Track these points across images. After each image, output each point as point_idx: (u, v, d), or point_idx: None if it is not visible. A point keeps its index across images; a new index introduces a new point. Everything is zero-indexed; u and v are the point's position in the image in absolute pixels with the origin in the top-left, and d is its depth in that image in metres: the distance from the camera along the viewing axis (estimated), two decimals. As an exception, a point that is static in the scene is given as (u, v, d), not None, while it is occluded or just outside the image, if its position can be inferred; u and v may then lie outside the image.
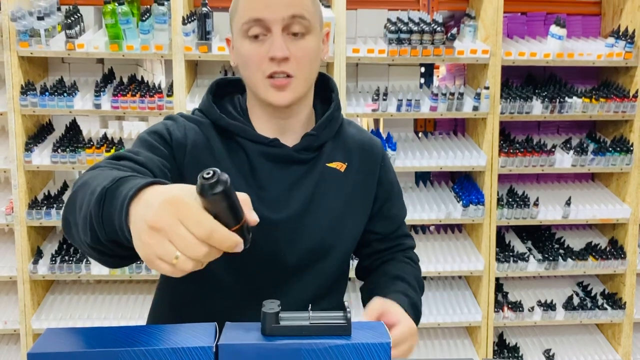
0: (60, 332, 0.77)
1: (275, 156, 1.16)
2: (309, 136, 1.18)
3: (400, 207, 1.34)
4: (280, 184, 1.16)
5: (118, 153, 1.03)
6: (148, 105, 2.76)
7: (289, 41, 1.09)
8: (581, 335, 3.27)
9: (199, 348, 0.75)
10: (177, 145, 1.13)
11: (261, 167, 1.16)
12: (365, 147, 1.27)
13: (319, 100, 1.27)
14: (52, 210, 2.80)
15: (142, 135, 1.13)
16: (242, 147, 1.16)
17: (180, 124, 1.16)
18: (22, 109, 2.73)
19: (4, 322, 2.89)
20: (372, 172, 1.26)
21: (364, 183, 1.25)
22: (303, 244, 1.17)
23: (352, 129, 1.29)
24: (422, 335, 3.20)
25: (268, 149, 1.16)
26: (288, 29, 1.09)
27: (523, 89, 3.00)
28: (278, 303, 0.82)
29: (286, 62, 1.09)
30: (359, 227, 1.26)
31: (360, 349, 0.77)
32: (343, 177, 1.22)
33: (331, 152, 1.22)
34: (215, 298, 1.18)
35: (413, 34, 2.77)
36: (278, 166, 1.17)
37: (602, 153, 2.99)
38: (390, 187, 1.30)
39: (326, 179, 1.20)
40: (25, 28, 2.63)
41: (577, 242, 3.21)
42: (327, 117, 1.21)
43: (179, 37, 2.69)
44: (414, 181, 3.30)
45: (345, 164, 1.23)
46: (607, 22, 3.19)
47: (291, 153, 1.17)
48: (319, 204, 1.18)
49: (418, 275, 1.31)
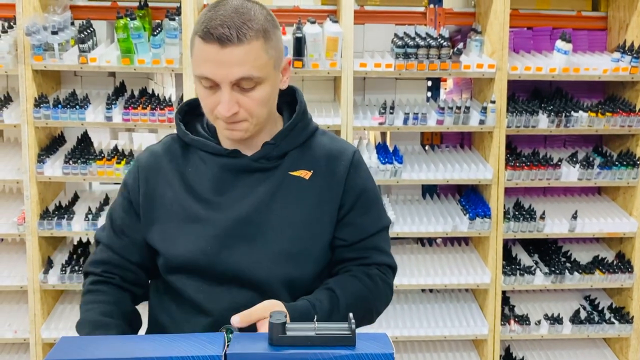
0: (74, 341, 0.80)
1: (234, 166, 1.22)
2: (267, 145, 1.23)
3: (372, 217, 1.28)
4: (236, 191, 1.21)
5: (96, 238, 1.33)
6: (158, 117, 2.80)
7: (238, 95, 1.13)
8: (588, 349, 3.26)
9: (207, 357, 0.77)
10: (132, 189, 1.28)
11: (221, 178, 1.22)
12: (333, 153, 1.27)
13: (289, 109, 1.31)
14: (63, 220, 2.84)
15: (117, 195, 1.33)
16: (203, 160, 1.24)
17: (133, 165, 1.31)
18: (35, 121, 2.78)
19: (14, 331, 2.92)
20: (338, 178, 1.25)
21: (329, 189, 1.24)
22: (264, 250, 1.19)
23: (324, 138, 1.30)
24: (429, 347, 3.20)
25: (227, 160, 1.22)
26: (238, 84, 1.12)
27: (529, 103, 3.02)
28: (285, 314, 0.84)
29: (236, 115, 1.14)
30: (327, 233, 1.24)
31: (365, 359, 0.79)
32: (308, 185, 1.23)
33: (295, 161, 1.24)
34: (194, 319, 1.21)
35: (420, 49, 2.80)
36: (238, 176, 1.22)
37: (608, 167, 3.00)
38: (358, 194, 1.26)
39: (287, 187, 1.22)
40: (40, 42, 2.69)
41: (584, 256, 3.21)
42: (287, 127, 1.25)
43: (189, 51, 2.73)
44: (421, 194, 3.32)
45: (311, 172, 1.24)
46: (612, 37, 3.21)
47: (248, 162, 1.22)
48: (276, 210, 1.20)
49: (358, 291, 1.22)
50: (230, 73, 1.09)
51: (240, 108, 1.13)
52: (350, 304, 1.20)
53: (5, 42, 2.71)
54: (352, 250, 1.27)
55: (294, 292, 1.21)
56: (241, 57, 1.09)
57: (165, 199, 1.24)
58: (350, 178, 1.26)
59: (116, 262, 1.28)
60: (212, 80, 1.11)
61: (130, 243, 1.27)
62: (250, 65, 1.10)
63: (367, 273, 1.26)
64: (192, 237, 1.20)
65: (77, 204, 3.06)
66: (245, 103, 1.13)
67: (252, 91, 1.13)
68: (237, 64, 1.09)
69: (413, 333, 2.98)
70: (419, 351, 3.17)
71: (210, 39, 1.08)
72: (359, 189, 1.27)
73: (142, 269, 1.30)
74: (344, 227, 1.26)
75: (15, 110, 2.84)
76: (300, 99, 1.29)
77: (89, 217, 2.84)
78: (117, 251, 1.28)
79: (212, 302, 1.19)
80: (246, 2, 1.13)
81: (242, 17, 1.09)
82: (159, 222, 1.23)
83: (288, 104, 1.30)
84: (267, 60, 1.13)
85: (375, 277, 1.26)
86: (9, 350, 3.10)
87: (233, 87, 1.11)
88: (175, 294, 1.23)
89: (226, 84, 1.10)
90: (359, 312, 1.17)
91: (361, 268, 1.26)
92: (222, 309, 1.17)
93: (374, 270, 1.27)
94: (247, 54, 1.09)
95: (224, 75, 1.09)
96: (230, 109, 1.11)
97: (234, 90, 1.12)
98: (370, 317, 1.28)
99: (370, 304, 1.25)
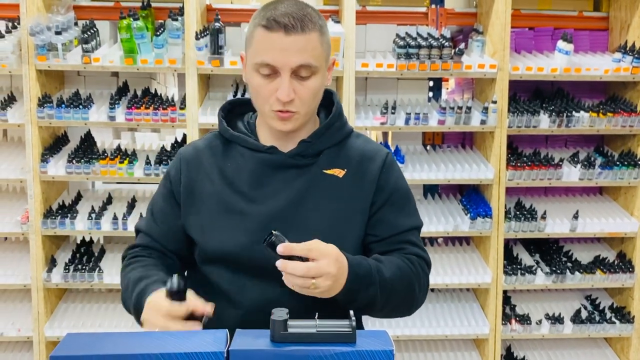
0: (80, 337, 0.82)
1: (271, 162, 1.28)
2: (304, 143, 1.29)
3: (404, 215, 1.32)
4: (272, 186, 1.27)
5: (137, 227, 1.40)
6: (161, 117, 2.82)
7: (295, 83, 1.20)
8: (589, 349, 3.27)
9: (211, 353, 0.79)
10: (174, 180, 1.34)
11: (258, 172, 1.28)
12: (366, 154, 1.33)
13: (325, 112, 1.38)
14: (66, 219, 2.85)
15: (158, 187, 1.40)
16: (242, 155, 1.31)
17: (176, 158, 1.37)
18: (39, 121, 2.80)
19: (18, 330, 2.94)
20: (370, 177, 1.31)
21: (361, 188, 1.30)
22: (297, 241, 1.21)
23: (359, 140, 1.37)
24: (430, 347, 3.21)
25: (265, 155, 1.29)
26: (296, 73, 1.19)
27: (530, 103, 3.03)
28: (286, 311, 0.86)
29: (291, 103, 1.20)
30: (358, 230, 1.29)
31: (365, 355, 0.81)
32: (341, 183, 1.29)
33: (330, 160, 1.30)
34: (224, 312, 1.24)
35: (421, 49, 2.81)
36: (275, 172, 1.28)
37: (609, 167, 3.01)
38: (390, 193, 1.31)
39: (321, 184, 1.27)
40: (43, 42, 2.71)
41: (585, 256, 3.22)
42: (324, 126, 1.32)
43: (192, 51, 2.75)
44: (422, 194, 3.33)
45: (345, 171, 1.30)
46: (614, 38, 3.21)
47: (284, 158, 1.28)
48: (310, 205, 1.25)
49: (403, 266, 1.24)
50: (292, 59, 1.17)
51: (295, 96, 1.20)
52: (395, 275, 1.20)
53: (9, 42, 2.73)
54: (384, 245, 1.30)
55: None
56: (303, 45, 1.18)
57: (205, 191, 1.30)
58: (383, 178, 1.32)
59: (154, 247, 1.35)
60: (273, 66, 1.18)
61: (169, 231, 1.34)
62: (310, 54, 1.19)
63: (406, 257, 1.28)
64: (229, 229, 1.26)
65: (80, 203, 3.07)
66: (301, 91, 1.20)
67: (308, 80, 1.21)
68: (299, 52, 1.17)
69: (414, 332, 2.99)
70: (420, 350, 3.18)
71: (276, 27, 1.17)
72: (391, 188, 1.32)
73: (178, 257, 1.36)
74: (375, 223, 1.30)
75: (19, 110, 2.86)
76: (337, 101, 1.36)
77: (92, 216, 2.86)
78: (156, 238, 1.34)
79: (242, 295, 1.25)
80: (300, 2, 1.24)
81: (303, 11, 1.20)
82: (199, 213, 1.30)
83: (324, 106, 1.37)
84: (322, 52, 1.22)
85: (415, 262, 1.28)
86: (13, 349, 3.12)
87: (291, 75, 1.19)
88: (208, 285, 1.28)
89: (287, 70, 1.18)
90: (402, 285, 1.21)
91: (399, 254, 1.28)
92: (251, 303, 1.23)
93: (413, 257, 1.29)
94: (308, 43, 1.18)
95: (286, 61, 1.17)
96: (289, 94, 1.18)
97: (291, 78, 1.19)
98: (412, 297, 1.26)
99: (412, 281, 1.25)
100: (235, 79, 3.12)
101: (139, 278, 1.23)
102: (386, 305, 1.19)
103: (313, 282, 1.04)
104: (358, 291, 1.13)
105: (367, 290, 1.14)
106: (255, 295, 1.24)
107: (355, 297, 1.13)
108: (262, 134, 1.33)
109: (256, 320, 1.07)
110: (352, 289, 1.11)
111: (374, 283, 1.15)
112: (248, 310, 1.24)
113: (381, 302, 1.17)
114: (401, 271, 1.23)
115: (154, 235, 1.34)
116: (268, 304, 1.08)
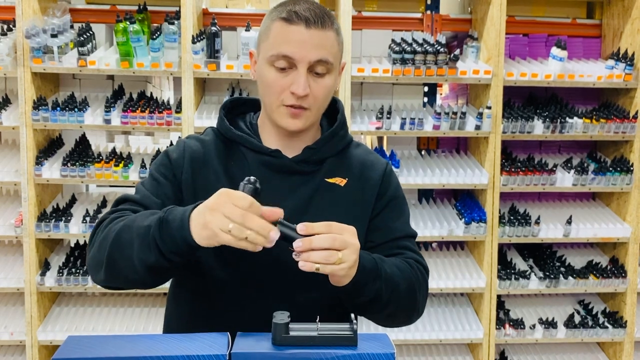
0: (81, 340, 0.82)
1: (275, 166, 1.25)
2: (309, 149, 1.27)
3: (400, 222, 1.32)
4: (276, 191, 1.23)
5: (122, 197, 1.25)
6: (157, 121, 2.81)
7: (310, 79, 1.19)
8: (582, 353, 3.29)
9: (212, 356, 0.79)
10: (176, 164, 1.26)
11: (260, 175, 1.21)
12: (367, 163, 1.33)
13: (327, 119, 1.36)
14: (60, 223, 2.84)
15: (151, 169, 1.30)
16: (245, 156, 1.27)
17: (179, 145, 1.30)
18: (34, 124, 2.79)
19: (11, 333, 2.92)
20: (371, 186, 1.31)
21: (362, 197, 1.30)
22: None
23: (359, 150, 1.36)
24: (424, 351, 3.22)
25: (269, 158, 1.26)
26: (312, 68, 1.18)
27: (524, 109, 3.05)
28: (288, 314, 0.86)
29: (305, 98, 1.19)
30: (360, 238, 1.25)
31: (366, 358, 0.81)
32: (343, 192, 1.28)
33: (332, 168, 1.29)
34: (226, 312, 1.23)
35: (417, 55, 2.83)
36: (278, 176, 1.25)
37: (602, 173, 3.03)
38: (389, 201, 1.32)
39: (323, 192, 1.26)
40: (39, 45, 2.70)
41: (578, 261, 3.24)
42: (329, 133, 1.30)
43: (188, 55, 2.76)
44: (417, 198, 3.34)
45: (346, 179, 1.29)
46: (607, 45, 3.25)
47: (290, 164, 1.26)
48: (314, 213, 1.23)
49: (404, 267, 1.22)
50: (311, 53, 1.17)
51: (310, 93, 1.19)
52: (397, 274, 1.19)
53: (4, 45, 2.72)
54: (382, 250, 1.28)
55: (324, 294, 1.22)
56: (322, 41, 1.17)
57: (210, 186, 1.24)
58: (383, 187, 1.32)
59: None
60: (291, 59, 1.17)
61: (163, 206, 1.21)
62: (328, 51, 1.18)
63: (405, 260, 1.26)
64: None
65: (75, 206, 3.06)
66: (315, 88, 1.19)
67: (323, 78, 1.20)
68: (318, 47, 1.17)
69: (409, 337, 3.00)
70: (415, 355, 3.19)
71: (297, 19, 1.16)
72: (390, 195, 1.33)
73: None
74: (373, 230, 1.30)
75: (14, 112, 2.84)
76: (341, 109, 1.36)
77: (87, 220, 2.85)
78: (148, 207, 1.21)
79: (243, 297, 1.20)
80: (316, 2, 1.23)
81: (322, 9, 1.20)
82: None
83: (325, 114, 1.35)
84: (338, 52, 1.22)
85: (414, 267, 1.26)
86: (5, 353, 3.09)
87: (307, 70, 1.18)
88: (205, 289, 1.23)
89: (304, 64, 1.17)
90: (405, 285, 1.19)
91: (398, 257, 1.26)
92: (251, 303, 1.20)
93: (412, 262, 1.27)
94: (326, 40, 1.18)
95: (304, 54, 1.16)
96: (305, 89, 1.17)
97: (307, 73, 1.18)
98: (414, 300, 1.24)
99: (414, 283, 1.23)
100: (231, 83, 3.12)
101: (151, 212, 1.11)
102: (389, 304, 1.18)
103: (339, 256, 1.01)
104: (365, 284, 1.12)
105: (374, 284, 1.13)
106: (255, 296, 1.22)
107: (362, 290, 1.12)
108: (264, 135, 1.30)
109: (257, 320, 1.06)
110: (359, 281, 1.10)
111: (379, 277, 1.14)
112: (248, 310, 1.22)
113: (385, 298, 1.16)
114: (403, 272, 1.21)
115: (146, 205, 1.21)
116: (268, 304, 1.08)
